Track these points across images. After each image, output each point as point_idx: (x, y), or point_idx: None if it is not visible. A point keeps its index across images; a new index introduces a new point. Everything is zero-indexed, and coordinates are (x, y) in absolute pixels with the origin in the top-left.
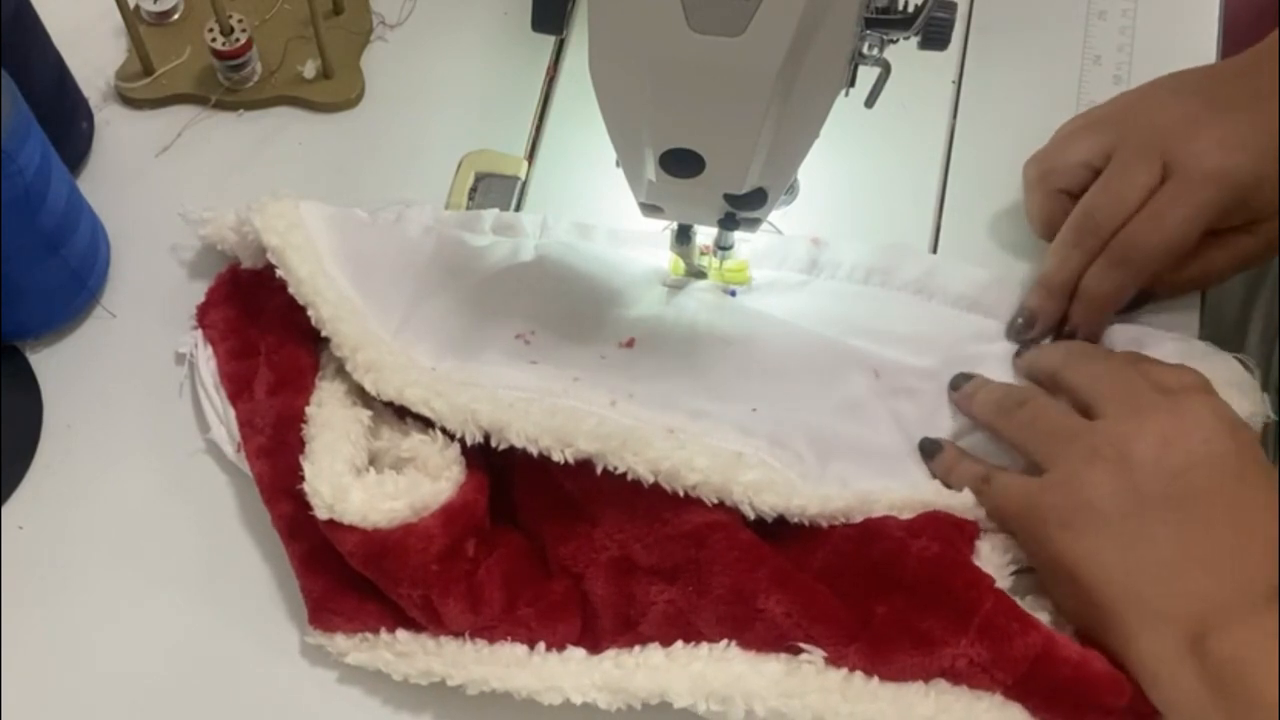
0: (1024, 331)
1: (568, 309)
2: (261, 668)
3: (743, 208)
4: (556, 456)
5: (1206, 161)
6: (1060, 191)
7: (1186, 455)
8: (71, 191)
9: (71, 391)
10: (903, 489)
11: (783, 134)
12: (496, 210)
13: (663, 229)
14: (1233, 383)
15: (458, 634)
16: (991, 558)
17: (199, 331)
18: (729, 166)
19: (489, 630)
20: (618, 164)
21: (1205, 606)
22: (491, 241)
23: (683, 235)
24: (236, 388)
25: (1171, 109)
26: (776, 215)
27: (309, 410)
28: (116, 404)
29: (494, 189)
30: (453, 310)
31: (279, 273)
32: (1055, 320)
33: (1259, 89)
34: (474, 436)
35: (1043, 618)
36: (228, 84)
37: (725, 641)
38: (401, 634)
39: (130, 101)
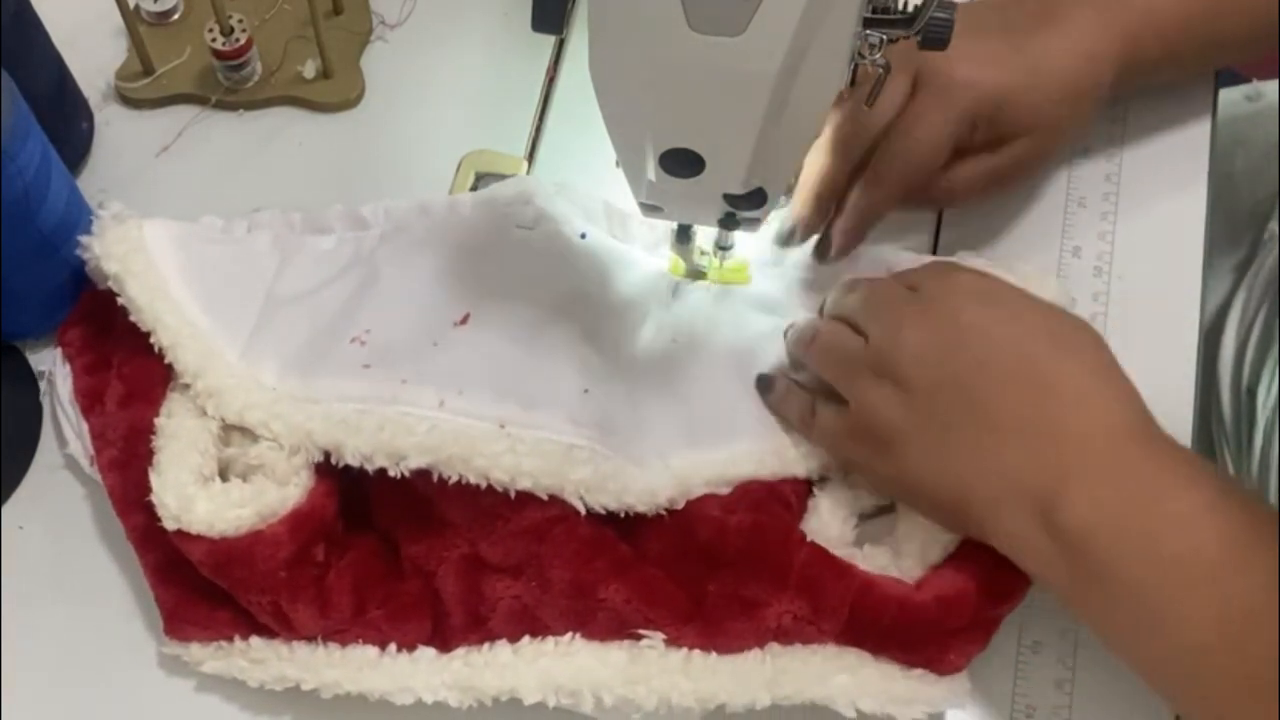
0: (788, 239)
1: (400, 295)
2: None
3: (743, 208)
4: (392, 471)
5: (956, 73)
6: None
7: (944, 347)
8: (71, 191)
9: None
10: (718, 460)
11: (783, 134)
12: (340, 207)
13: (667, 228)
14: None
15: (309, 639)
16: (835, 512)
17: (58, 350)
18: (729, 166)
19: (340, 634)
20: (618, 164)
21: (1040, 480)
22: (337, 243)
23: (683, 235)
24: (89, 401)
25: None
26: (777, 215)
27: (158, 421)
28: None
29: None
30: (296, 322)
31: (120, 300)
32: (816, 228)
33: (1010, 19)
34: (314, 455)
35: (881, 560)
36: (228, 84)
37: (570, 634)
38: (255, 641)
39: (130, 101)
